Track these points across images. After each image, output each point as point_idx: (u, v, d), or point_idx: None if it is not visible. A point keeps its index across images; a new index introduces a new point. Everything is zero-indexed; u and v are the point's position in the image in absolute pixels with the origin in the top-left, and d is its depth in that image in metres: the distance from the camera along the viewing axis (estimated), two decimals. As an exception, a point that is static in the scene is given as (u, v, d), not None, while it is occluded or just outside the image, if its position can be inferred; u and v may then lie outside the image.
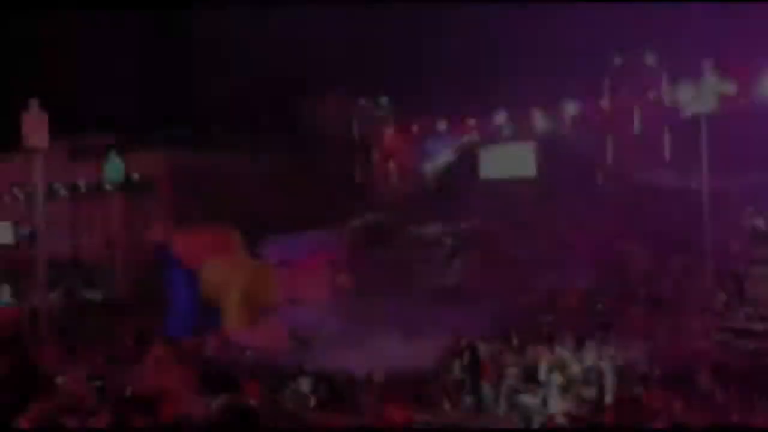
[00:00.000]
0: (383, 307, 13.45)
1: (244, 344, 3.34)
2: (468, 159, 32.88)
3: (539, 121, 30.30)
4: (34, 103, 10.23)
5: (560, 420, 12.14)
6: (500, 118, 31.20)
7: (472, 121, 32.16)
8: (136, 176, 36.14)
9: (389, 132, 37.00)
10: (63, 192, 39.42)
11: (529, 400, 13.83)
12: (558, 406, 13.38)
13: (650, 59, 28.37)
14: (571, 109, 29.08)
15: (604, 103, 28.68)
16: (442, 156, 33.56)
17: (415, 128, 34.48)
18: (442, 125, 33.33)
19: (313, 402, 11.64)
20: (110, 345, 20.87)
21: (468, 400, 14.16)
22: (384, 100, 39.88)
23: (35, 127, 10.25)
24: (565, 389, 13.96)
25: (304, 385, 12.31)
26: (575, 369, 14.61)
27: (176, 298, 3.77)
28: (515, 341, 15.95)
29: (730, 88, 18.42)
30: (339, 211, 36.15)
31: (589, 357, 15.08)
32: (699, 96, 12.19)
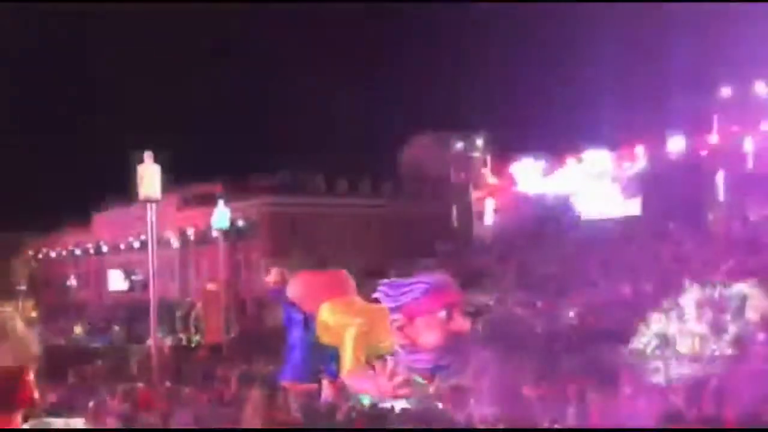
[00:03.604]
0: (497, 353, 13.27)
1: (359, 390, 3.26)
2: (569, 198, 32.16)
3: (644, 157, 29.34)
4: (148, 156, 10.76)
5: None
6: (603, 154, 30.39)
7: (572, 159, 31.49)
8: (240, 222, 37.34)
9: (486, 172, 36.77)
10: (173, 239, 41.35)
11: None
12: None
13: (761, 89, 27.10)
14: (677, 144, 28.02)
15: (713, 137, 27.51)
16: (541, 195, 32.93)
17: (512, 167, 34.11)
18: (540, 163, 32.82)
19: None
20: (215, 388, 21.44)
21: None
22: (479, 140, 39.80)
23: (149, 178, 10.77)
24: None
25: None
26: (691, 417, 13.79)
27: (291, 342, 3.77)
28: (627, 388, 15.21)
29: None
30: (436, 254, 36.04)
31: (706, 405, 14.21)
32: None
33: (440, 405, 11.22)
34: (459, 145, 40.65)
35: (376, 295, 3.02)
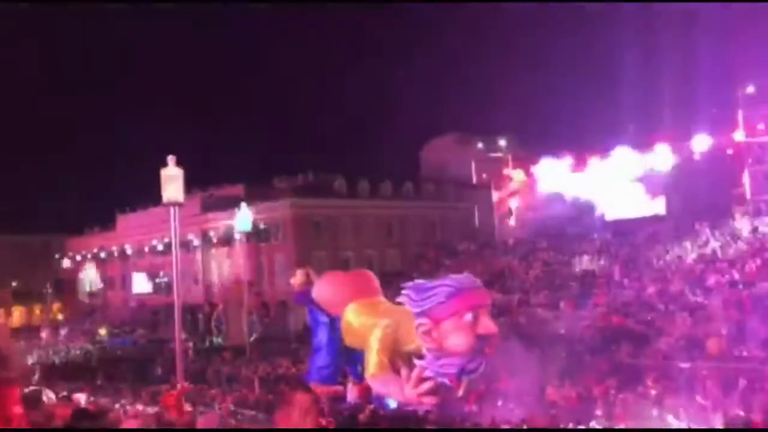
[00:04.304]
0: (521, 355, 13.22)
1: (383, 394, 3.17)
2: (593, 198, 31.86)
3: (669, 156, 28.91)
4: (171, 160, 10.82)
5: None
6: (627, 154, 29.99)
7: (595, 158, 31.15)
8: (262, 225, 37.45)
9: (508, 172, 36.53)
10: (196, 242, 41.59)
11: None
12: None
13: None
14: (702, 142, 27.62)
15: (738, 134, 27.11)
16: (564, 195, 32.61)
17: (534, 167, 33.82)
18: (563, 164, 32.50)
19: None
20: (239, 388, 21.53)
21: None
22: (501, 140, 39.58)
23: (172, 181, 10.83)
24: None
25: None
26: (717, 420, 13.57)
27: (316, 343, 3.74)
28: (653, 390, 15.03)
29: None
30: (459, 254, 35.91)
31: (734, 407, 13.97)
32: None
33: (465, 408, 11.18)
34: (480, 145, 40.47)
35: (400, 299, 2.95)
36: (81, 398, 9.11)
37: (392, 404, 3.47)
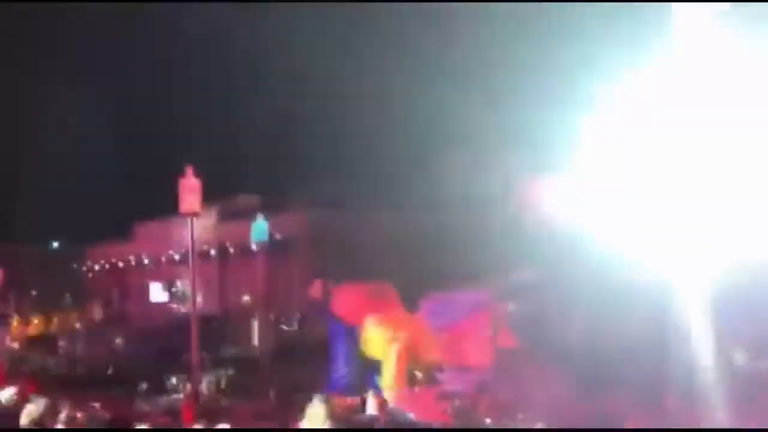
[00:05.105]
0: (541, 367, 13.12)
1: (400, 406, 3.14)
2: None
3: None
4: (189, 170, 10.91)
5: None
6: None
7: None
8: (279, 236, 37.47)
9: (528, 183, 36.23)
10: (212, 252, 41.76)
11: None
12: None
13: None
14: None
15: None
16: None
17: (552, 179, 33.57)
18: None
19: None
20: (255, 400, 21.51)
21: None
22: (518, 154, 39.39)
23: (190, 192, 10.91)
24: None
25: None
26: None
27: (335, 355, 3.72)
28: (674, 403, 14.81)
29: None
30: (478, 269, 35.65)
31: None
32: None
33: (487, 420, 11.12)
34: (498, 157, 40.29)
35: (419, 315, 2.93)
36: (97, 407, 9.13)
37: (410, 416, 3.44)
